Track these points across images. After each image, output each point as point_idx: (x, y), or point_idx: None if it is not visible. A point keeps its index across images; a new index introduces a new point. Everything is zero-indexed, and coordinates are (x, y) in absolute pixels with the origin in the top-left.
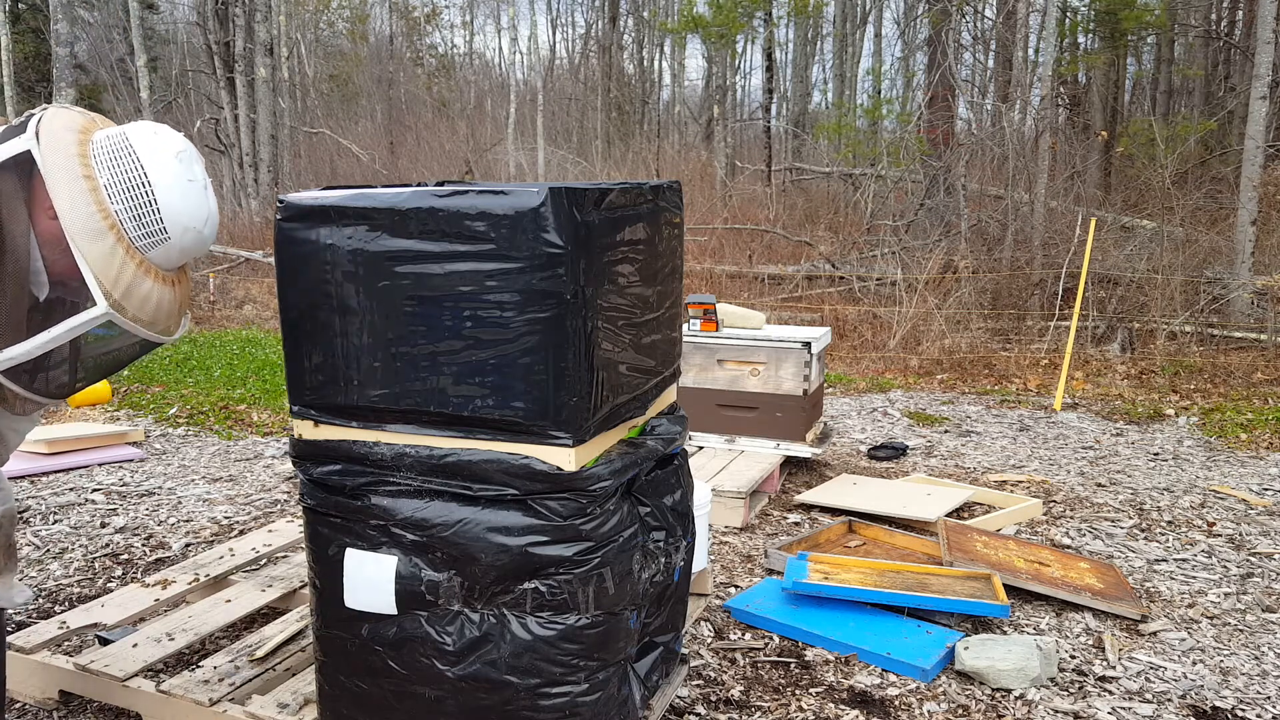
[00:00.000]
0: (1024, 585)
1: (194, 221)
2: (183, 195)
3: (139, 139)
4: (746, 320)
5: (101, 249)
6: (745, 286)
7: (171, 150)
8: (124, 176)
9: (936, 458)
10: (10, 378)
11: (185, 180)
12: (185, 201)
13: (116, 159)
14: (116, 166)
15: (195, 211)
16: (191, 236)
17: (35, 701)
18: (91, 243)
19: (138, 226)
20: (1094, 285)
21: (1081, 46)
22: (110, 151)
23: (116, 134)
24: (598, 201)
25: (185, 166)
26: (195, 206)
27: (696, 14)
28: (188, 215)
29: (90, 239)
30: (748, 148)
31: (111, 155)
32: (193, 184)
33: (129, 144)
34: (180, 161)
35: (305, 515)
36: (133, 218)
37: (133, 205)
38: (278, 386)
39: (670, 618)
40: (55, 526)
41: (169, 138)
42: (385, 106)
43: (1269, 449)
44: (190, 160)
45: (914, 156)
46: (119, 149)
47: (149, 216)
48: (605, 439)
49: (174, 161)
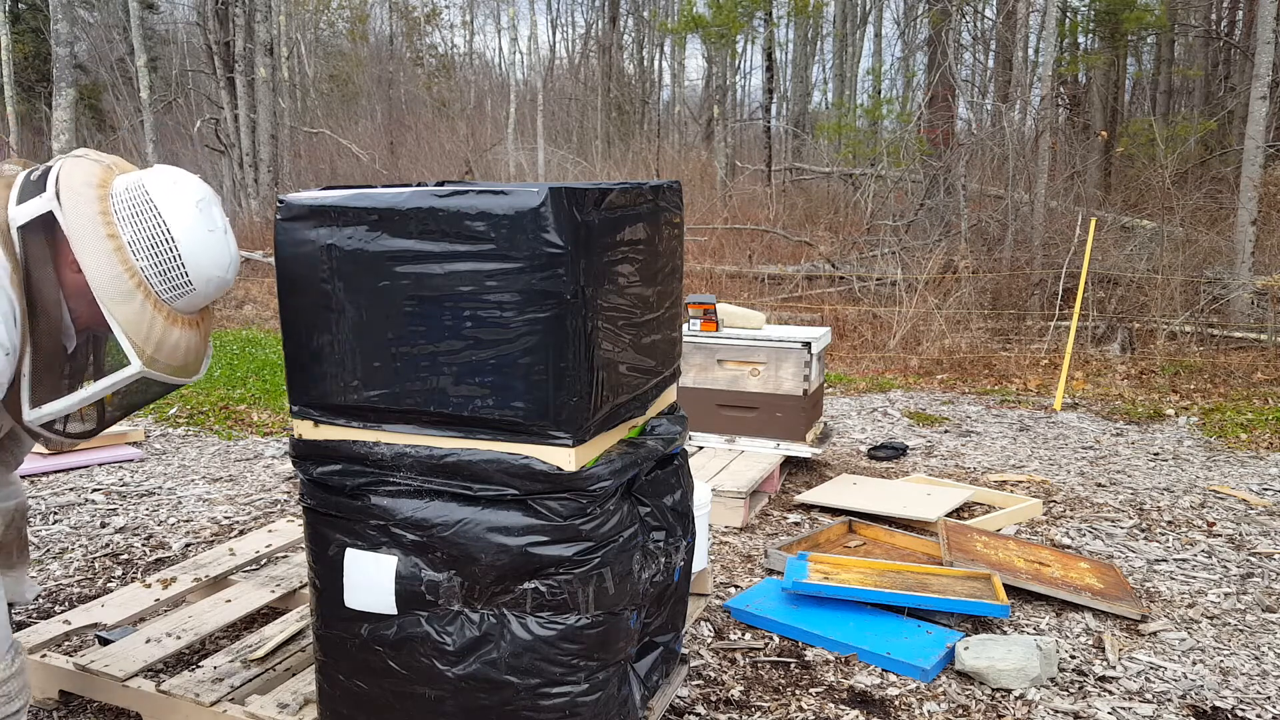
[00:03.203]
0: (1024, 585)
1: (216, 270)
2: (205, 245)
3: (158, 190)
4: (746, 320)
5: (131, 309)
6: (745, 286)
7: (191, 199)
8: (147, 233)
9: (936, 458)
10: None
11: (206, 230)
12: (208, 251)
13: (138, 214)
14: (139, 222)
15: (218, 259)
16: (215, 284)
17: (35, 701)
18: (122, 304)
19: (163, 281)
20: (1094, 285)
21: (1081, 46)
22: (131, 206)
23: (136, 186)
24: (598, 201)
25: (205, 215)
26: (218, 254)
27: (696, 14)
28: (210, 264)
29: (121, 300)
30: (748, 148)
31: (132, 210)
32: (213, 233)
33: (149, 197)
34: (200, 210)
35: (305, 515)
36: (158, 274)
37: (157, 261)
38: (278, 386)
39: (670, 618)
40: (55, 526)
41: (188, 186)
42: (385, 106)
43: (1269, 449)
44: (209, 206)
45: (914, 156)
46: (139, 203)
47: (173, 270)
48: (605, 439)
49: (194, 211)
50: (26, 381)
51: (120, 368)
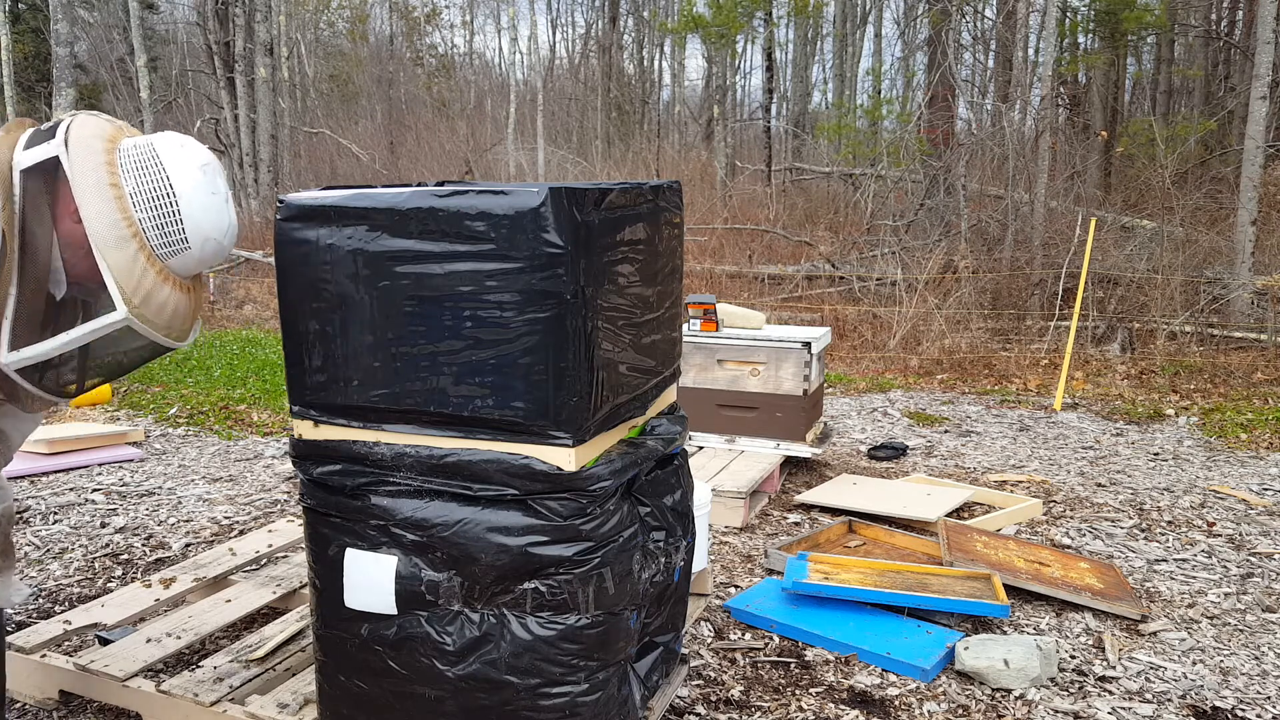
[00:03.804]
0: (1024, 585)
1: (215, 232)
2: (205, 207)
3: (166, 150)
4: (746, 320)
5: (124, 256)
6: (745, 286)
7: (197, 162)
8: (149, 186)
9: (936, 458)
10: (23, 375)
11: (209, 193)
12: (207, 213)
13: (143, 168)
14: (142, 176)
15: (217, 222)
16: (211, 247)
17: (35, 701)
18: (115, 250)
19: (160, 235)
20: (1094, 285)
21: (1081, 46)
22: (137, 160)
23: (144, 144)
24: (598, 201)
25: (209, 179)
26: (217, 218)
27: (696, 14)
28: (209, 226)
29: (114, 246)
30: (748, 148)
31: (138, 164)
32: (215, 196)
33: (156, 154)
34: (205, 174)
35: (305, 515)
36: (155, 226)
37: (156, 214)
38: (278, 386)
39: (670, 618)
40: (55, 526)
41: (195, 150)
42: (385, 106)
43: (1269, 449)
44: (214, 173)
45: (914, 156)
46: (146, 159)
47: (171, 226)
48: (605, 439)
49: (199, 173)
50: (8, 324)
51: (105, 313)
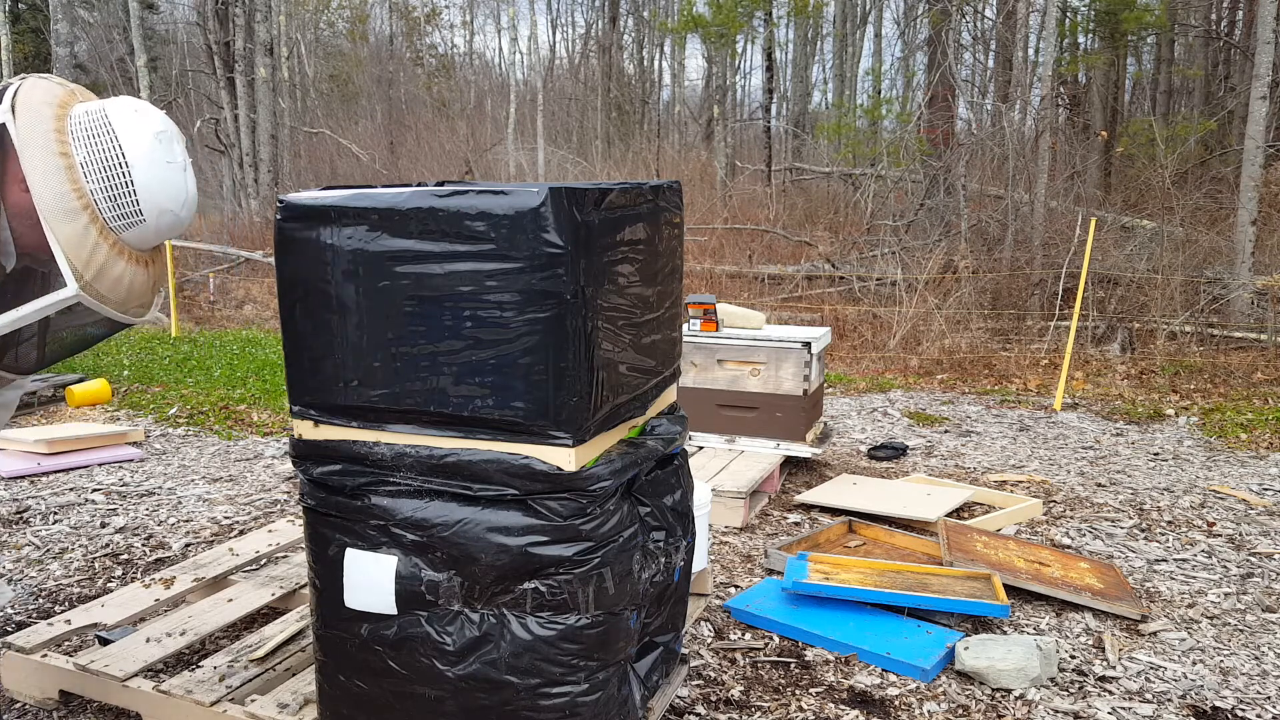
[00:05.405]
0: (1024, 585)
1: (171, 204)
2: (160, 177)
3: (118, 116)
4: (746, 320)
5: (74, 229)
6: (745, 286)
7: (151, 129)
8: (101, 155)
9: (936, 458)
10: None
11: (164, 161)
12: (163, 183)
13: (94, 137)
14: (94, 145)
15: (173, 193)
16: (168, 219)
17: (35, 701)
18: (64, 223)
19: (113, 208)
20: (1094, 285)
21: (1081, 46)
22: (88, 129)
23: (96, 110)
24: (598, 201)
25: (165, 147)
26: (173, 188)
27: (696, 14)
28: (165, 197)
29: (63, 219)
30: (748, 148)
31: (89, 132)
32: (171, 165)
33: (108, 121)
34: (160, 141)
35: (305, 515)
36: (108, 198)
37: (108, 186)
38: (278, 386)
39: (670, 618)
40: (55, 526)
41: (149, 116)
42: (385, 106)
43: (1269, 449)
44: (170, 140)
45: (914, 156)
46: (97, 126)
47: (125, 198)
48: (605, 439)
49: (153, 141)
50: None
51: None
